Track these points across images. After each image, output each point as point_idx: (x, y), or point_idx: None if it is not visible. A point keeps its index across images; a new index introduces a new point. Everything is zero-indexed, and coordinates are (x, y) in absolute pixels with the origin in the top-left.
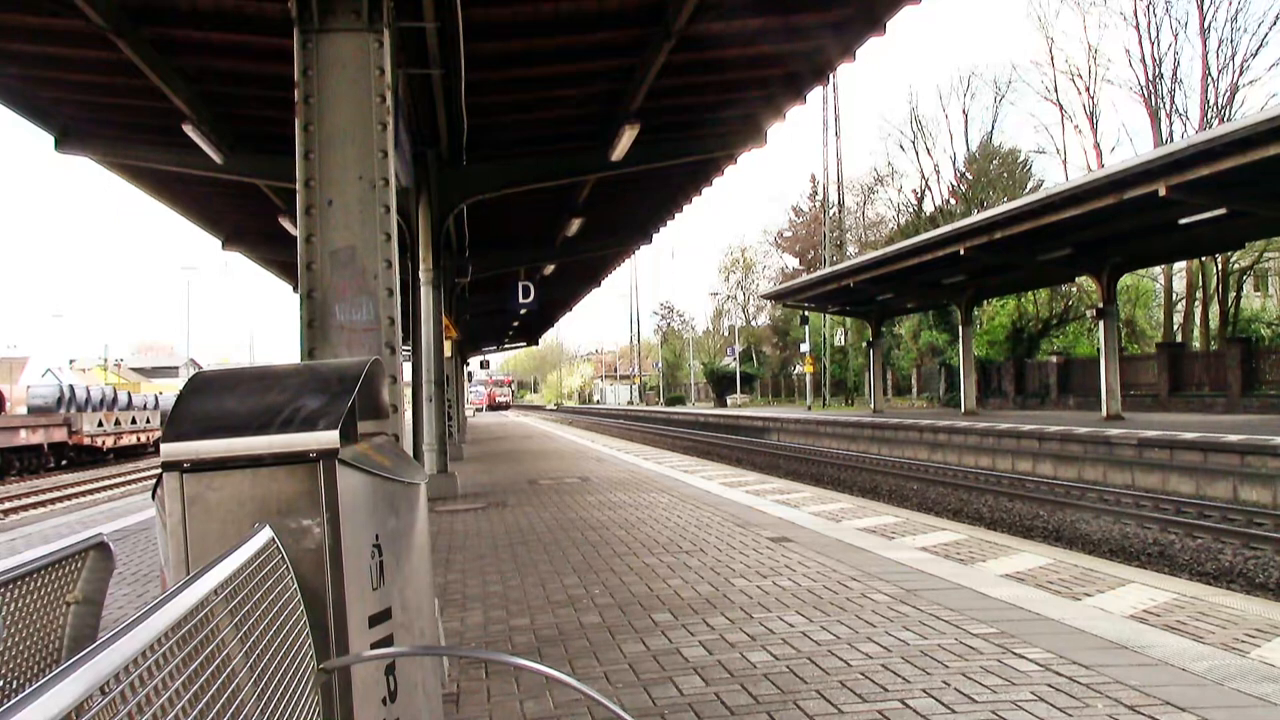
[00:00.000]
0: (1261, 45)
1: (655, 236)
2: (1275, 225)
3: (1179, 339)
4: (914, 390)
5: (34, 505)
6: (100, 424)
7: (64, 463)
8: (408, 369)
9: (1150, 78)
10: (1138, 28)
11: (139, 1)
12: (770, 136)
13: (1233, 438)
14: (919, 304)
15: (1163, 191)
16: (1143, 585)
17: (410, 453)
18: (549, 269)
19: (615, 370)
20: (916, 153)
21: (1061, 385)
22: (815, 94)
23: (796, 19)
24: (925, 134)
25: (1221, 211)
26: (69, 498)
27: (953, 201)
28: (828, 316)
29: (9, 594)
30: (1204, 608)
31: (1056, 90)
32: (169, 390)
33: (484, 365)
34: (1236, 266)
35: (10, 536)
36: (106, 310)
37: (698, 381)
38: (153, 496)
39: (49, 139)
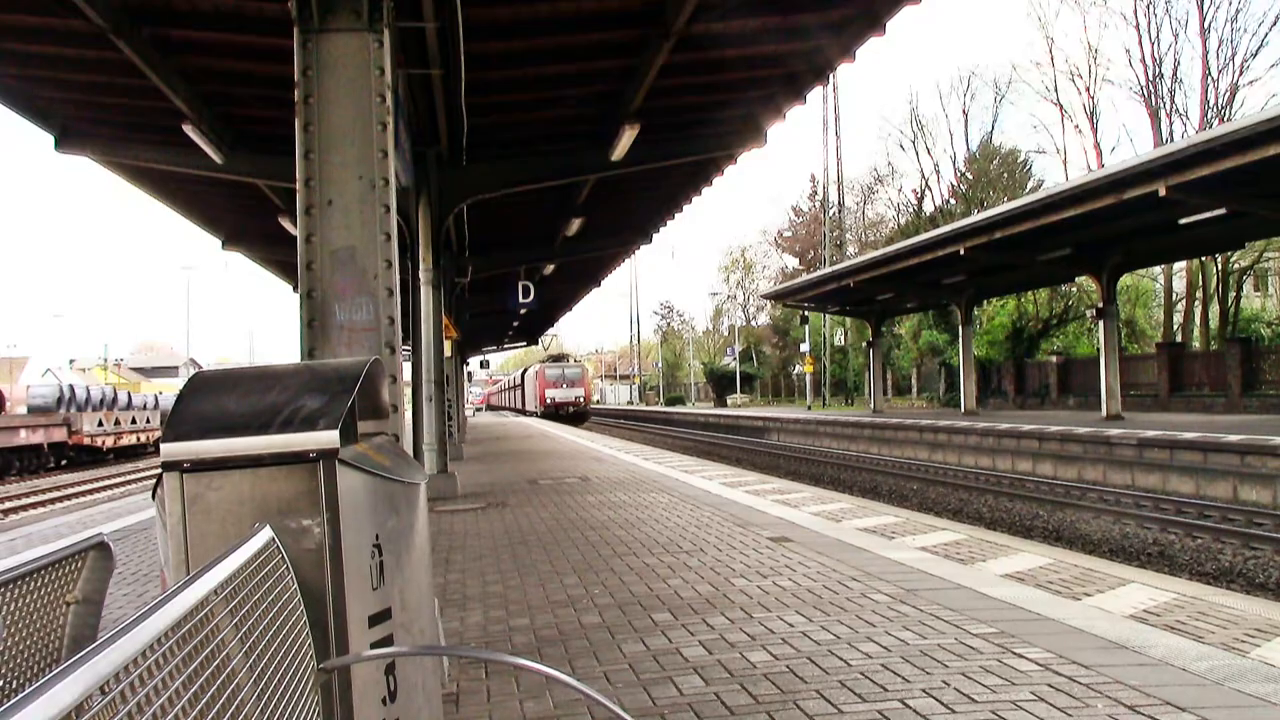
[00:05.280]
0: (1261, 45)
1: (655, 236)
2: (1275, 225)
3: (1179, 339)
4: (914, 390)
5: (34, 505)
6: (100, 424)
7: (64, 463)
8: (408, 369)
9: (1150, 78)
10: (1138, 28)
11: (139, 1)
12: (770, 136)
13: (1233, 438)
14: (919, 304)
15: (1163, 191)
16: (1143, 585)
17: (410, 453)
18: (549, 269)
19: (615, 370)
20: (916, 153)
21: (1061, 385)
22: (815, 94)
23: (796, 19)
24: (925, 134)
25: (1221, 211)
26: (69, 498)
27: (953, 201)
28: (828, 316)
29: (9, 594)
30: (1204, 608)
31: (1056, 90)
32: (169, 390)
33: (484, 365)
34: (1236, 266)
35: (10, 536)
36: (106, 310)
37: (698, 381)
38: (153, 496)
39: (49, 139)
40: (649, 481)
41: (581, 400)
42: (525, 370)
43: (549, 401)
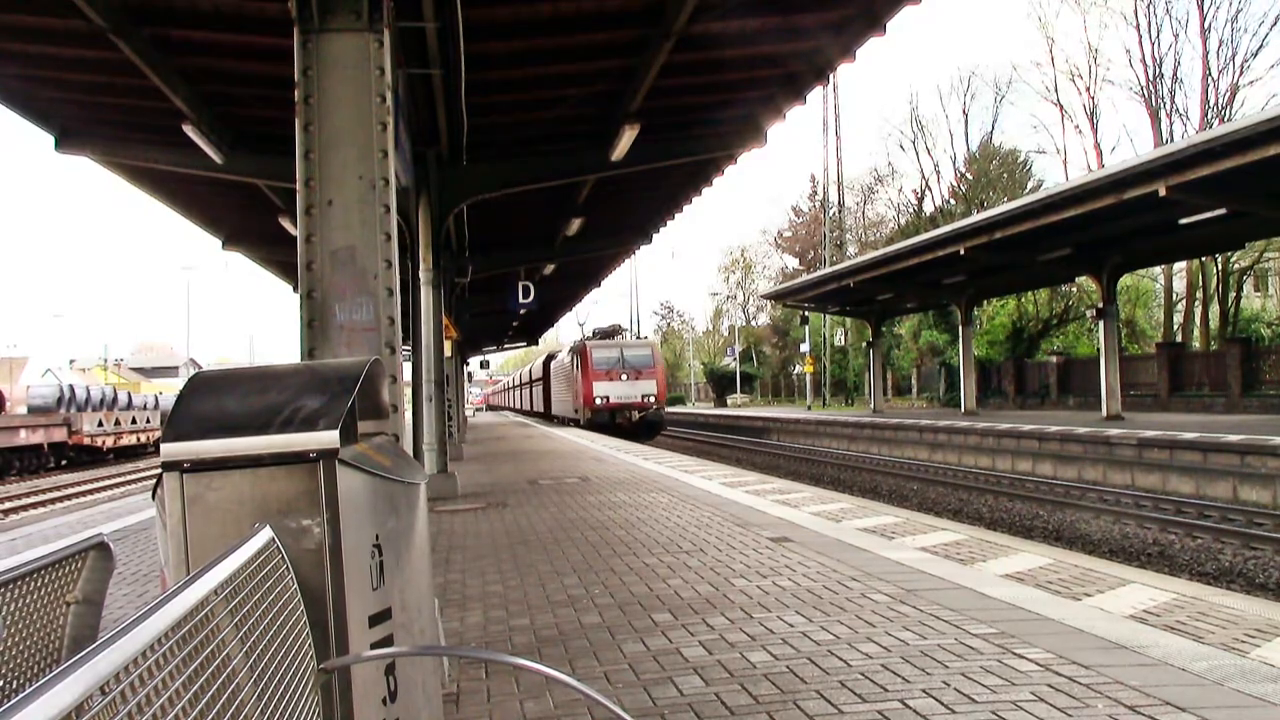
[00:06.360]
0: (1261, 45)
1: (655, 236)
2: (1275, 225)
3: (1179, 339)
4: (914, 390)
5: (34, 505)
6: (100, 424)
7: (64, 463)
8: (408, 369)
9: (1150, 78)
10: (1138, 28)
11: (139, 1)
12: (770, 136)
13: (1232, 438)
14: (919, 304)
15: (1163, 191)
16: (1143, 585)
17: (410, 453)
18: (549, 269)
19: None
20: (916, 153)
21: (1061, 385)
22: (815, 94)
23: (796, 19)
24: (925, 134)
25: (1221, 211)
26: (69, 498)
27: (953, 201)
28: (828, 316)
29: (9, 594)
30: (1204, 608)
31: (1056, 90)
32: (169, 390)
33: (484, 365)
34: (1236, 266)
35: (10, 536)
36: (106, 310)
37: (698, 381)
38: (153, 496)
39: (49, 139)
40: (649, 481)
41: (653, 400)
42: (551, 358)
43: (599, 401)
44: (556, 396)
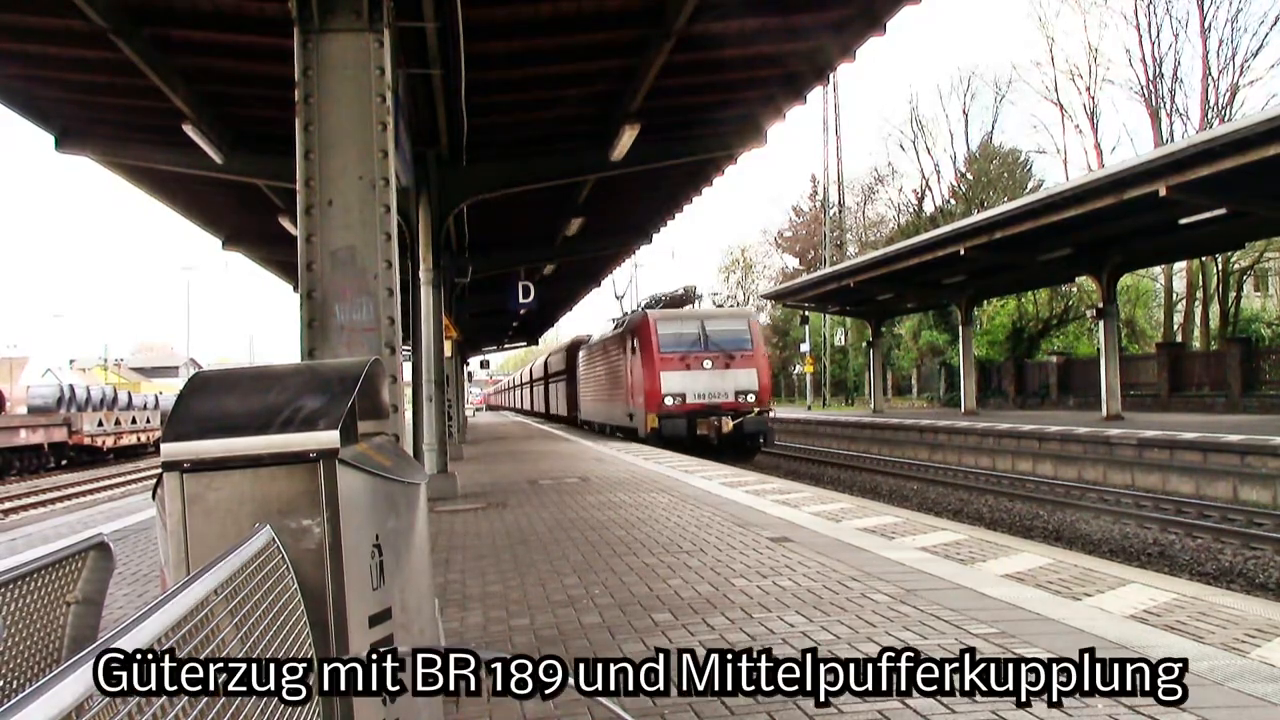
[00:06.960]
0: (1261, 45)
1: (655, 236)
2: (1275, 225)
3: (1179, 339)
4: (914, 390)
5: (34, 505)
6: (100, 424)
7: (64, 463)
8: (408, 369)
9: (1150, 78)
10: (1138, 28)
11: (139, 1)
12: (770, 136)
13: (1233, 438)
14: (919, 304)
15: (1163, 191)
16: (1143, 585)
17: (410, 453)
18: (549, 269)
19: None
20: (916, 153)
21: (1061, 385)
22: (815, 94)
23: (796, 19)
24: (925, 134)
25: (1221, 211)
26: (69, 498)
27: (953, 201)
28: (828, 316)
29: (9, 594)
30: (1204, 608)
31: (1057, 90)
32: (169, 390)
33: (484, 365)
34: (1236, 266)
35: (10, 536)
36: (106, 310)
37: None
38: (153, 496)
39: (49, 139)
40: (649, 481)
41: (753, 399)
42: (579, 344)
43: (671, 401)
44: (590, 396)
